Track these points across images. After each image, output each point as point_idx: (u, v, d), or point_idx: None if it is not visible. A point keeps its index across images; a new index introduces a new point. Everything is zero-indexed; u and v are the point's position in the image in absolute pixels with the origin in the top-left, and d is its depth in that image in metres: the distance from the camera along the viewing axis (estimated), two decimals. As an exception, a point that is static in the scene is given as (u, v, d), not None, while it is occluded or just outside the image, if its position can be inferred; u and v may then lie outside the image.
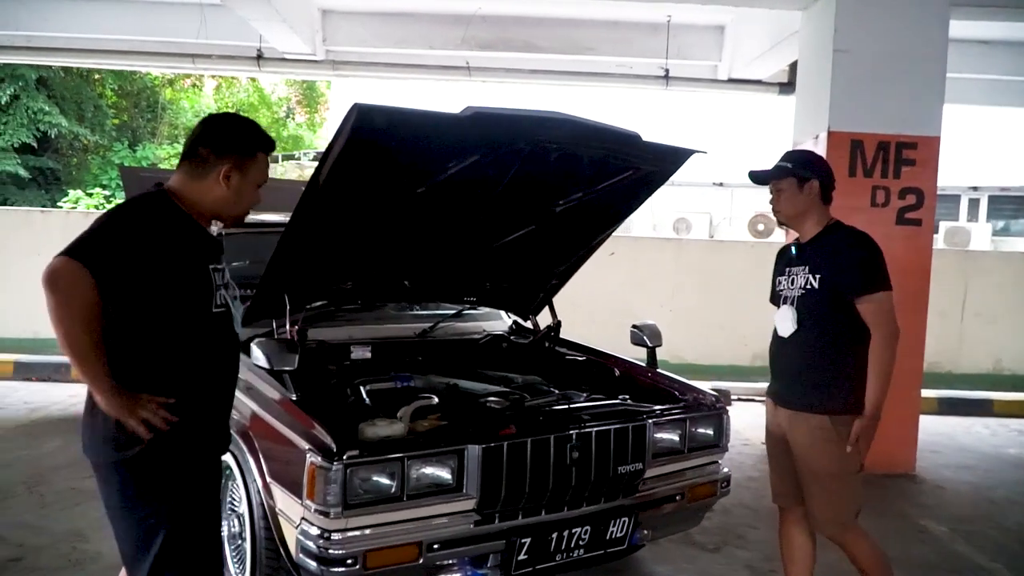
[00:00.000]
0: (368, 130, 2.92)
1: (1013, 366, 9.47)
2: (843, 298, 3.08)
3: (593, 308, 7.90)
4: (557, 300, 4.69)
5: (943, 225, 16.12)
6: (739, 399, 8.44)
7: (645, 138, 3.55)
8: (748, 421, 7.41)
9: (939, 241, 15.82)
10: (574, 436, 3.21)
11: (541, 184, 3.76)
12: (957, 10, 5.88)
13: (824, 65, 5.85)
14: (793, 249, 3.31)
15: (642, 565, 4.23)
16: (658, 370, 4.13)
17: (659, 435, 3.53)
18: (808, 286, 3.16)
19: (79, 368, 2.32)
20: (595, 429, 3.28)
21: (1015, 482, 6.04)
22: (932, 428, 7.30)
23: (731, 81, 9.23)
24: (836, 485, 3.18)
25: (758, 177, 3.36)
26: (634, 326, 4.26)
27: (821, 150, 5.84)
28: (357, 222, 3.56)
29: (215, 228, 2.72)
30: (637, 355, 4.30)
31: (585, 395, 3.82)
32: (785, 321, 3.22)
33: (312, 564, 2.82)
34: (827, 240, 3.20)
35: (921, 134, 5.76)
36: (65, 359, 7.09)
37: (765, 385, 3.47)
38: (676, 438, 3.62)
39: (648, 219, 18.11)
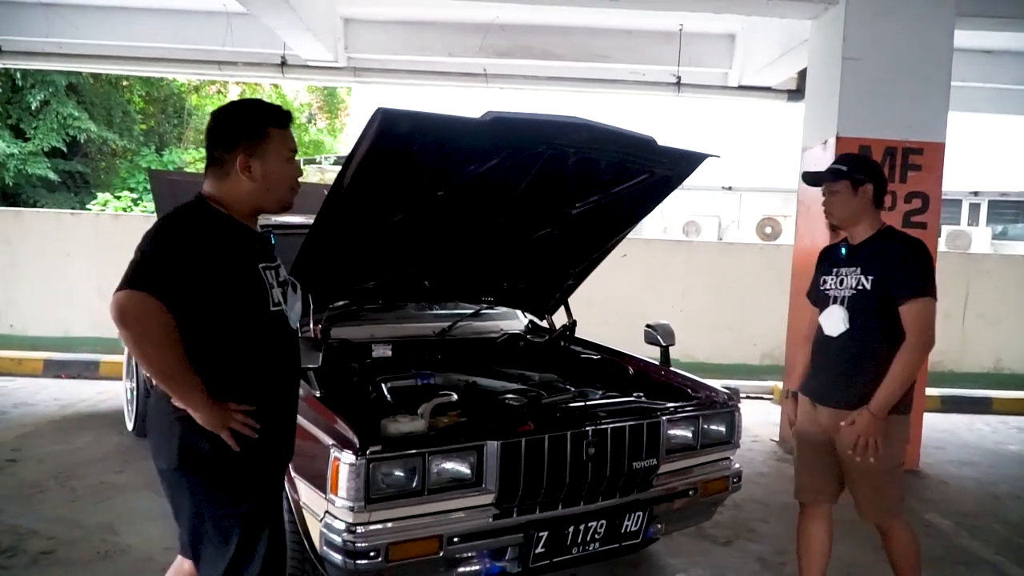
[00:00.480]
0: (392, 134, 2.93)
1: (1013, 365, 9.41)
2: (892, 301, 3.06)
3: (607, 308, 7.88)
4: (572, 300, 4.67)
5: (945, 229, 15.99)
6: (748, 397, 8.37)
7: (659, 142, 3.54)
8: (757, 418, 7.38)
9: (942, 244, 15.70)
10: (590, 432, 3.19)
11: (559, 187, 3.75)
12: (962, 20, 5.83)
13: (833, 72, 5.82)
14: (843, 250, 3.27)
15: (657, 558, 4.21)
16: (671, 368, 4.10)
17: (672, 432, 3.52)
18: (860, 287, 3.13)
19: (172, 391, 2.26)
20: (611, 426, 3.26)
21: (1017, 478, 6.00)
22: (936, 425, 7.25)
23: (741, 88, 9.17)
24: (885, 477, 3.18)
25: (812, 179, 3.33)
26: (648, 326, 4.25)
27: (829, 155, 5.80)
28: (379, 224, 3.56)
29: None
30: (650, 353, 4.29)
31: (600, 393, 3.80)
32: (835, 320, 3.19)
33: (336, 557, 2.81)
34: (880, 244, 3.17)
35: (927, 140, 5.71)
36: (94, 356, 7.11)
37: (773, 384, 3.46)
38: (689, 435, 3.60)
39: (659, 222, 18.05)
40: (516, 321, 4.92)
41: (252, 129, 2.38)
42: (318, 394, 3.14)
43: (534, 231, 4.05)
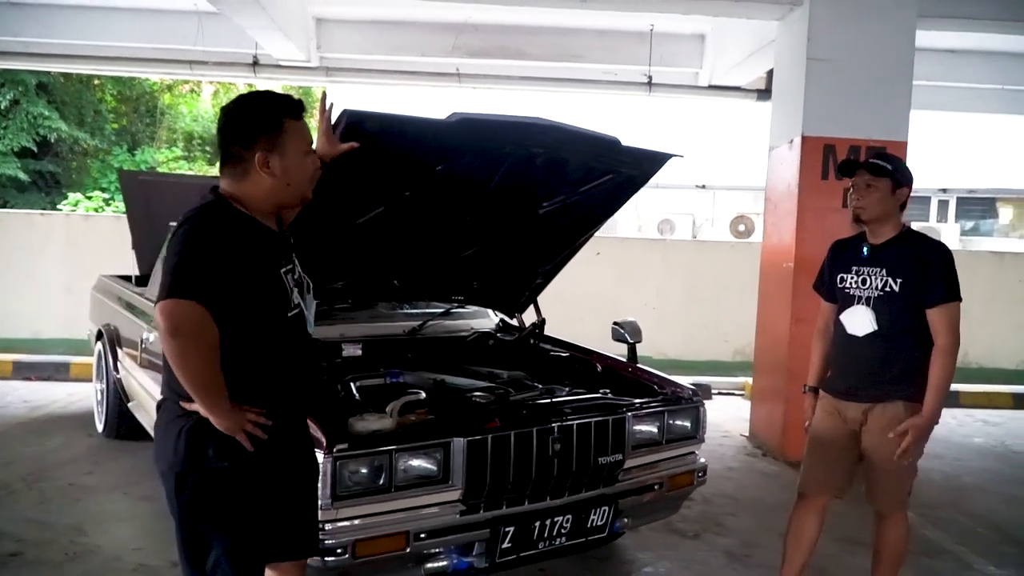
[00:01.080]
0: (357, 135, 2.95)
1: (981, 359, 9.56)
2: (921, 304, 3.14)
3: (581, 306, 7.94)
4: (546, 299, 4.73)
5: (914, 226, 16.19)
6: (720, 393, 8.48)
7: (624, 143, 3.60)
8: (729, 414, 7.48)
9: (911, 241, 15.94)
10: (556, 429, 3.25)
11: (526, 187, 3.81)
12: (924, 21, 5.94)
13: (798, 73, 5.91)
14: (865, 250, 3.29)
15: (625, 552, 4.27)
16: (638, 365, 4.16)
17: (638, 427, 3.58)
18: (887, 288, 3.17)
19: (201, 399, 2.19)
20: (576, 422, 3.32)
21: (982, 470, 6.13)
22: (903, 421, 7.38)
23: (711, 87, 9.26)
24: (907, 471, 3.31)
25: (849, 169, 3.30)
26: (615, 323, 4.30)
27: (795, 154, 5.91)
28: (347, 224, 3.59)
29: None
30: (621, 351, 4.34)
31: (567, 390, 3.86)
32: (862, 321, 3.23)
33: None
34: (906, 246, 3.21)
35: (890, 139, 5.80)
36: (65, 358, 7.06)
37: (745, 380, 3.53)
38: (655, 430, 3.67)
39: (634, 220, 18.17)
40: (487, 320, 4.97)
41: (269, 123, 2.29)
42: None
43: (502, 230, 4.10)
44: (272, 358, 2.36)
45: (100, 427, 5.92)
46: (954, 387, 8.31)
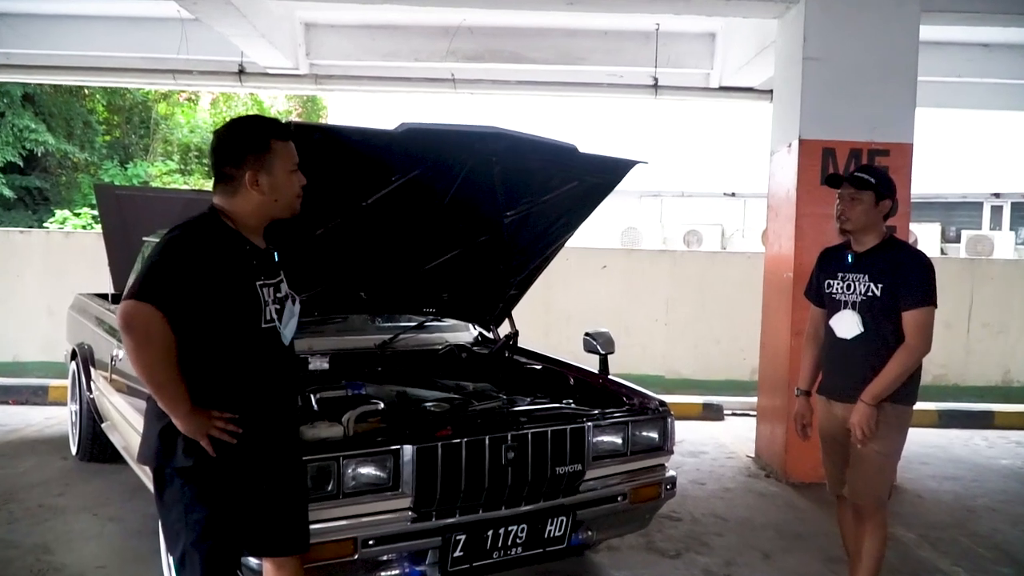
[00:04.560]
0: (305, 147, 3.28)
1: (1023, 377, 9.69)
2: (899, 307, 3.59)
3: (587, 322, 8.11)
4: (550, 316, 5.01)
5: (965, 234, 16.32)
6: (733, 414, 8.73)
7: (583, 150, 3.91)
8: (739, 435, 7.73)
9: (961, 250, 16.03)
10: (509, 437, 3.54)
11: (487, 197, 4.12)
12: (928, 16, 6.16)
13: (795, 74, 6.16)
14: (849, 257, 3.76)
15: (599, 569, 4.54)
16: (609, 377, 4.44)
17: (601, 437, 3.86)
18: (870, 293, 3.64)
19: (158, 398, 2.62)
20: (532, 431, 3.60)
21: (999, 491, 6.31)
22: (927, 440, 7.60)
23: (722, 89, 9.52)
24: (881, 462, 3.71)
25: (835, 181, 3.77)
26: (587, 334, 4.58)
27: (793, 159, 6.16)
28: (306, 236, 3.92)
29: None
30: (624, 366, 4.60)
31: (529, 400, 4.15)
32: (849, 325, 3.70)
33: (252, 561, 3.15)
34: (887, 254, 3.68)
35: (893, 141, 6.05)
36: (43, 381, 7.48)
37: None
38: (619, 441, 3.94)
39: (658, 232, 18.44)
40: (464, 333, 5.28)
41: (257, 143, 2.70)
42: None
43: (468, 240, 4.42)
44: (243, 367, 2.76)
45: (74, 449, 6.29)
46: (989, 407, 8.65)
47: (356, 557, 3.27)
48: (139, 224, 6.01)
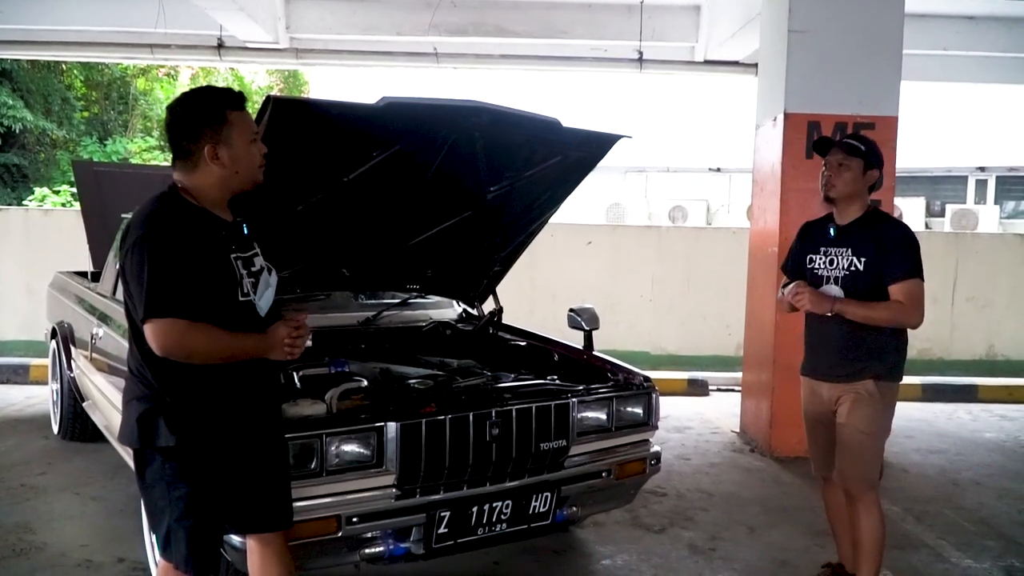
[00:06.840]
0: (285, 122, 3.26)
1: (1008, 351, 9.78)
2: (883, 281, 3.52)
3: (572, 299, 8.13)
4: (535, 294, 5.01)
5: (950, 208, 16.38)
6: (719, 389, 8.78)
7: (565, 124, 3.90)
8: (724, 410, 7.79)
9: (946, 224, 16.10)
10: (493, 414, 3.54)
11: (470, 172, 4.10)
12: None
13: (780, 47, 6.16)
14: (832, 231, 3.68)
15: (585, 545, 4.57)
16: (594, 352, 4.44)
17: (585, 413, 3.86)
18: (853, 268, 3.56)
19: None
20: (516, 407, 3.61)
21: (984, 464, 6.37)
22: (912, 415, 7.64)
23: (707, 63, 9.51)
24: (869, 443, 3.64)
25: (823, 147, 3.70)
26: (571, 310, 4.59)
27: (779, 133, 6.17)
28: (288, 212, 3.90)
29: None
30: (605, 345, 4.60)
31: (513, 376, 4.15)
32: None
33: (235, 539, 3.14)
34: (870, 226, 3.60)
35: (878, 114, 6.06)
36: (24, 360, 7.47)
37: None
38: (603, 416, 3.95)
39: (643, 207, 18.43)
40: (449, 310, 5.28)
41: (213, 115, 2.64)
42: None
43: (451, 216, 4.40)
44: None
45: (56, 428, 6.27)
46: (973, 381, 8.74)
47: (340, 534, 3.27)
48: (118, 201, 5.98)
